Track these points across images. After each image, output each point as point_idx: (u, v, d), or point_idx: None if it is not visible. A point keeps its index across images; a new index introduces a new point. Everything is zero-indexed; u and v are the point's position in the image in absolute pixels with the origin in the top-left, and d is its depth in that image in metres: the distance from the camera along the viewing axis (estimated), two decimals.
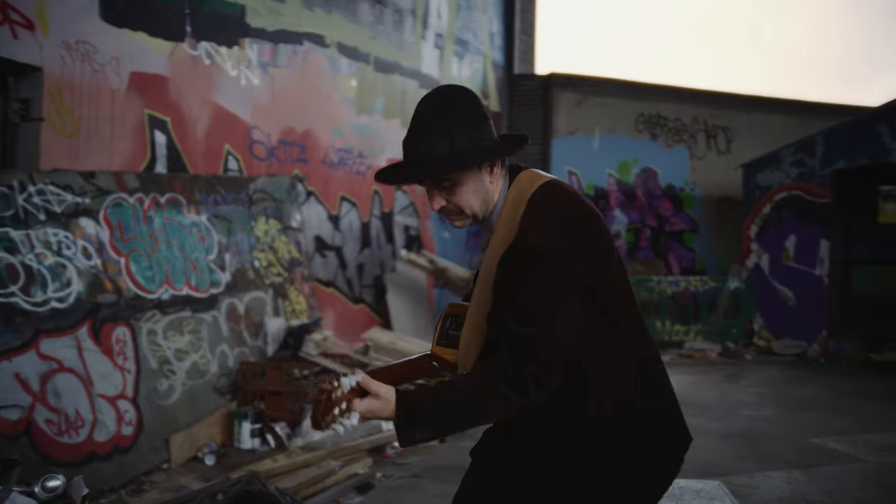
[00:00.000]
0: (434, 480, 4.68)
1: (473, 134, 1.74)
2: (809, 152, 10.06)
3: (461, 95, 1.79)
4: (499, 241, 1.75)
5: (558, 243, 1.68)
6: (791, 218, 10.40)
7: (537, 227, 1.70)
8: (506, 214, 1.77)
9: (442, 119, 1.74)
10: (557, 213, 1.74)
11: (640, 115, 12.67)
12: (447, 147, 1.72)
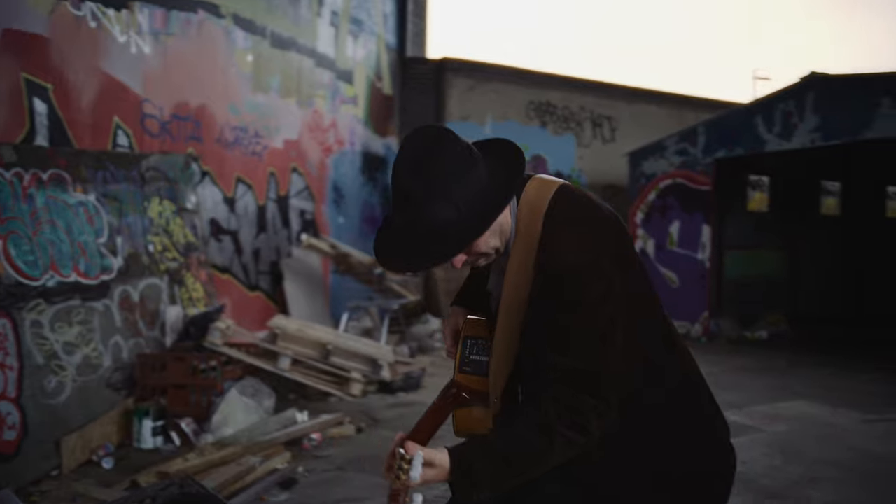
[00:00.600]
0: (360, 472, 4.48)
1: (473, 184, 1.54)
2: (692, 142, 10.55)
3: (439, 142, 1.55)
4: (520, 262, 1.61)
5: (594, 256, 1.55)
6: (675, 204, 10.88)
7: (566, 243, 1.56)
8: (522, 232, 1.62)
9: (435, 183, 1.51)
10: (582, 223, 1.61)
11: (530, 102, 12.85)
12: (455, 216, 1.52)
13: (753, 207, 12.85)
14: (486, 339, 1.72)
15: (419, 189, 1.51)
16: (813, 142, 8.85)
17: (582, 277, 1.52)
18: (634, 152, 11.68)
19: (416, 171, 1.52)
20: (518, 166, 1.61)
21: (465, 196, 1.52)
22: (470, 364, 1.72)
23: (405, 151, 1.56)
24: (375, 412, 5.88)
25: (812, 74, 8.89)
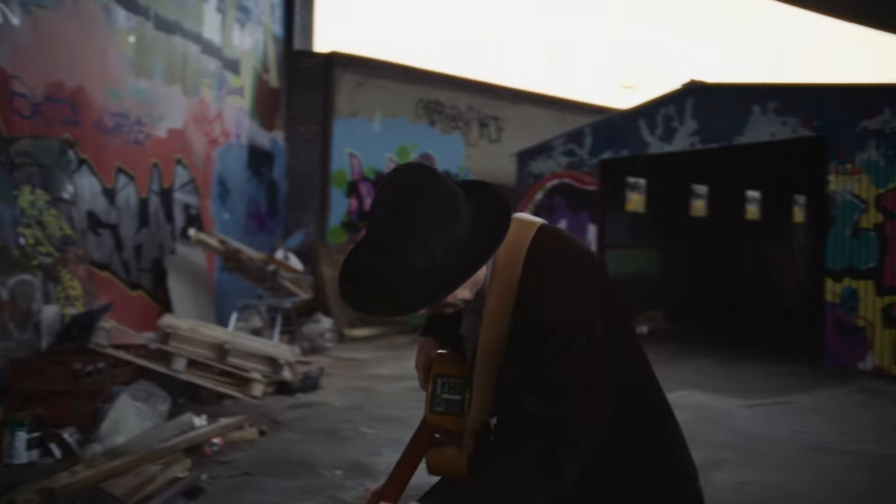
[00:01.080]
0: (270, 476, 4.22)
1: (454, 235, 1.45)
2: (579, 143, 10.87)
3: (423, 185, 1.45)
4: (497, 308, 1.55)
5: (578, 310, 1.50)
6: (562, 204, 11.17)
7: (548, 295, 1.51)
8: (499, 277, 1.56)
9: (415, 233, 1.42)
10: (564, 270, 1.55)
11: (419, 100, 12.81)
12: (431, 268, 1.44)
13: (631, 208, 13.44)
14: (458, 377, 1.66)
15: (396, 237, 1.43)
16: (692, 145, 9.33)
17: (566, 332, 1.49)
18: (522, 152, 11.89)
19: (396, 217, 1.43)
20: (504, 222, 1.51)
21: (444, 247, 1.44)
22: (441, 403, 1.66)
23: (386, 193, 1.47)
24: (276, 414, 5.60)
25: (692, 82, 9.38)
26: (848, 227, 7.80)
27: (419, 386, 1.90)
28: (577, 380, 1.49)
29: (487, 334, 1.57)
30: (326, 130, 11.84)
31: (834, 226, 7.92)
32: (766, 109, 8.50)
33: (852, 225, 7.77)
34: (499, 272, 1.56)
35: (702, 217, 14.21)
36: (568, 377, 1.48)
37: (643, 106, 9.95)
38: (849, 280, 7.79)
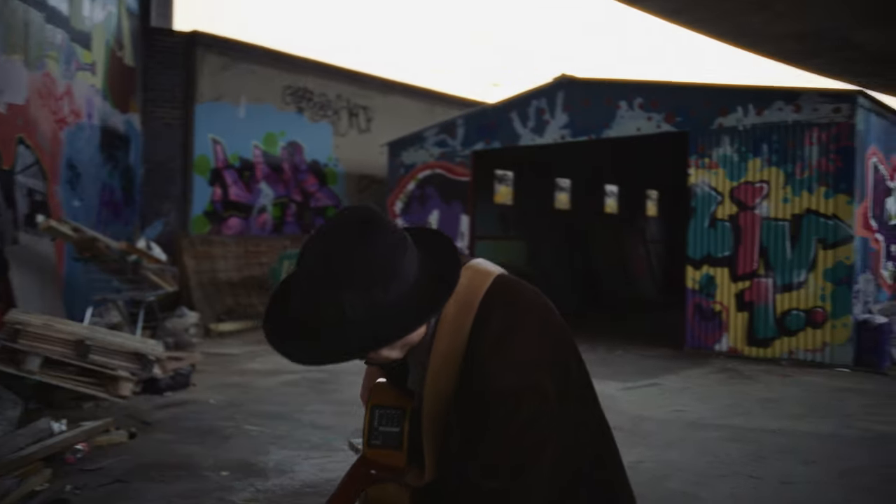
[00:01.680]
0: (147, 481, 3.85)
1: (394, 290, 1.30)
2: (452, 134, 10.89)
3: (365, 238, 1.30)
4: (442, 365, 1.41)
5: (529, 378, 1.36)
6: (434, 194, 11.16)
7: (497, 353, 1.36)
8: (446, 330, 1.41)
9: (350, 287, 1.27)
10: (517, 329, 1.39)
11: (287, 87, 12.35)
12: (363, 322, 1.28)
13: (499, 200, 13.68)
14: (397, 408, 1.52)
15: (328, 289, 1.28)
16: (563, 137, 9.59)
17: (511, 401, 1.34)
18: (394, 143, 11.77)
19: (329, 270, 1.28)
20: (451, 280, 1.36)
21: (380, 302, 1.28)
22: (379, 436, 1.51)
23: (324, 240, 1.32)
24: (145, 415, 5.16)
25: (562, 76, 9.63)
26: (706, 218, 8.30)
27: None
28: (522, 451, 1.35)
29: (432, 393, 1.43)
30: (188, 115, 11.14)
31: (694, 216, 8.40)
32: (633, 105, 8.88)
33: (710, 216, 8.27)
34: (446, 326, 1.41)
35: (565, 210, 14.72)
36: (512, 448, 1.34)
37: (515, 98, 10.11)
38: (707, 267, 8.29)
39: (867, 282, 7.77)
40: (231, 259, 10.72)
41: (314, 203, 12.82)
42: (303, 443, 4.62)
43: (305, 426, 5.04)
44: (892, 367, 7.38)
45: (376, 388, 1.59)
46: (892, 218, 8.48)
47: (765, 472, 4.15)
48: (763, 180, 7.89)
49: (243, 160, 11.76)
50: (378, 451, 1.50)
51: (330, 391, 6.17)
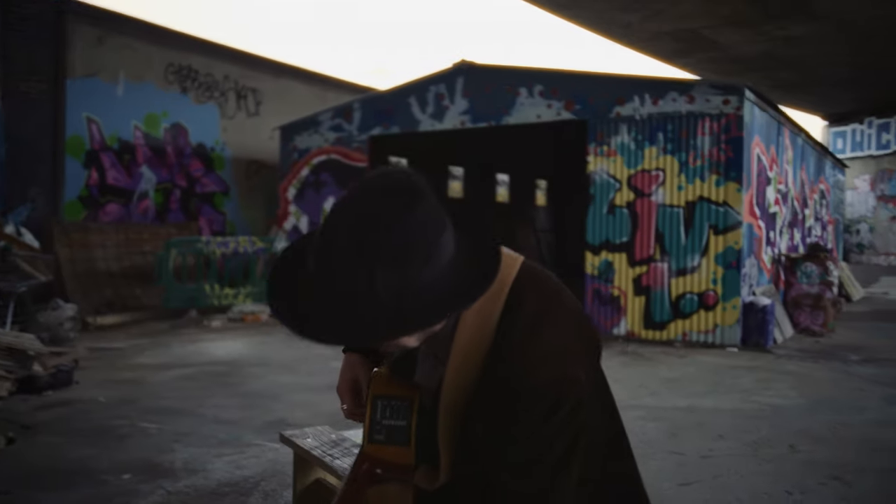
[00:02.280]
0: (35, 490, 3.43)
1: (429, 273, 1.12)
2: (348, 118, 10.59)
3: (406, 208, 1.13)
4: (467, 355, 1.26)
5: (568, 368, 1.23)
6: (329, 180, 10.82)
7: (534, 341, 1.23)
8: (472, 318, 1.27)
9: (382, 263, 1.09)
10: (554, 316, 1.28)
11: (170, 65, 11.60)
12: (390, 305, 1.10)
13: None
14: (403, 399, 1.35)
15: (361, 263, 1.09)
16: (463, 123, 9.52)
17: (553, 394, 1.21)
18: (287, 126, 11.33)
19: (364, 242, 1.10)
20: (490, 273, 1.19)
21: (414, 285, 1.11)
22: (383, 430, 1.34)
23: (360, 206, 1.13)
24: (24, 417, 4.64)
25: (462, 62, 9.55)
26: (605, 205, 8.47)
27: (343, 414, 1.56)
28: (559, 448, 1.23)
29: (453, 388, 1.27)
30: (58, 90, 10.23)
31: (593, 203, 8.56)
32: (533, 92, 8.93)
33: (608, 202, 8.46)
34: (472, 314, 1.26)
35: (458, 198, 14.73)
36: (548, 444, 1.22)
37: (414, 83, 9.95)
38: (605, 253, 8.47)
39: (752, 266, 8.19)
40: (110, 248, 9.96)
41: (200, 189, 12.15)
42: (210, 439, 4.29)
43: (210, 421, 4.69)
44: (775, 346, 7.82)
45: (378, 378, 1.39)
46: (770, 206, 8.99)
47: (685, 448, 4.23)
48: (659, 168, 8.14)
49: (122, 142, 10.96)
50: (381, 448, 1.33)
51: (232, 384, 5.81)
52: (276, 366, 6.62)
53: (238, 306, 9.81)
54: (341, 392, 1.54)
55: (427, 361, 1.38)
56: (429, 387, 1.35)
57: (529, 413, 1.19)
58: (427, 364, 1.38)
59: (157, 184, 11.48)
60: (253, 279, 10.28)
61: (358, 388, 1.53)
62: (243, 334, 8.45)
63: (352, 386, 1.54)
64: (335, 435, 2.90)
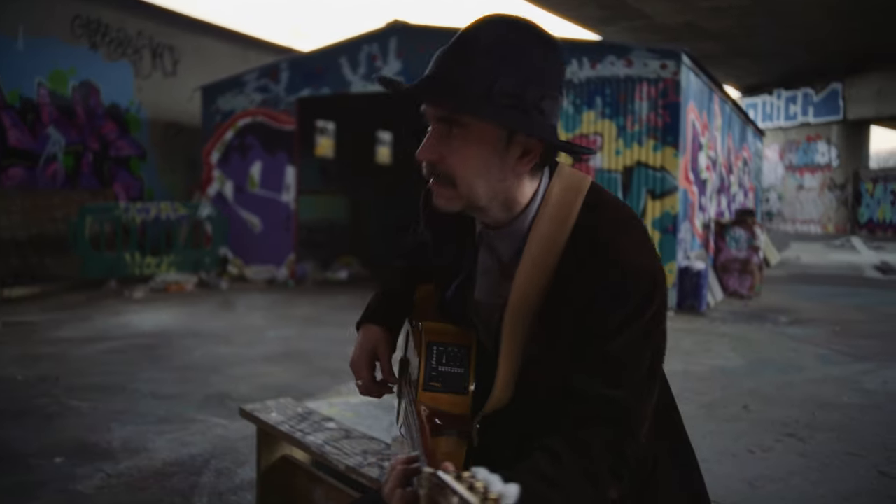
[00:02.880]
0: None
1: (528, 91, 1.14)
2: (275, 78, 10.12)
3: (543, 40, 1.17)
4: (544, 250, 1.19)
5: (659, 264, 1.17)
6: (256, 144, 10.36)
7: (622, 235, 1.17)
8: (550, 212, 1.21)
9: (497, 50, 1.13)
10: (635, 222, 1.22)
11: (76, 17, 10.77)
12: (481, 85, 1.12)
13: (321, 153, 13.10)
14: (459, 345, 1.29)
15: (486, 55, 1.13)
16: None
17: (647, 284, 1.14)
18: (209, 87, 10.75)
19: (498, 43, 1.14)
20: (581, 149, 1.29)
21: (524, 100, 1.14)
22: (440, 377, 1.27)
23: (500, 25, 1.17)
24: None
25: (395, 21, 9.23)
26: None
27: (359, 391, 1.47)
28: (648, 356, 1.15)
29: (525, 285, 1.18)
30: None
31: None
32: None
33: None
34: (549, 207, 1.20)
35: (386, 164, 14.44)
36: (641, 352, 1.14)
37: (345, 43, 9.57)
38: None
39: (686, 231, 8.32)
40: (16, 214, 9.25)
41: (114, 152, 11.42)
42: (148, 416, 3.99)
43: (146, 397, 4.37)
44: (709, 309, 7.99)
45: (430, 326, 1.32)
46: (702, 172, 9.14)
47: None
48: (597, 133, 8.12)
49: (25, 100, 10.14)
50: (436, 396, 1.24)
51: (163, 357, 5.46)
52: (209, 337, 6.29)
53: (161, 276, 9.31)
54: (358, 365, 1.45)
55: (488, 276, 1.29)
56: (490, 303, 1.27)
57: (621, 307, 1.11)
58: (488, 279, 1.29)
59: (67, 146, 10.71)
60: (176, 247, 9.77)
61: (372, 362, 1.46)
62: (169, 305, 8.02)
63: (370, 359, 1.45)
64: (301, 408, 2.69)
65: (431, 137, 1.17)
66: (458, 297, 1.35)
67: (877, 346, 6.24)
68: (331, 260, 11.31)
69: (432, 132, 1.18)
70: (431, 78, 1.17)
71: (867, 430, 4.00)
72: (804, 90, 24.99)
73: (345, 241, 12.42)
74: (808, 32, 19.23)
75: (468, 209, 1.21)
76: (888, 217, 23.38)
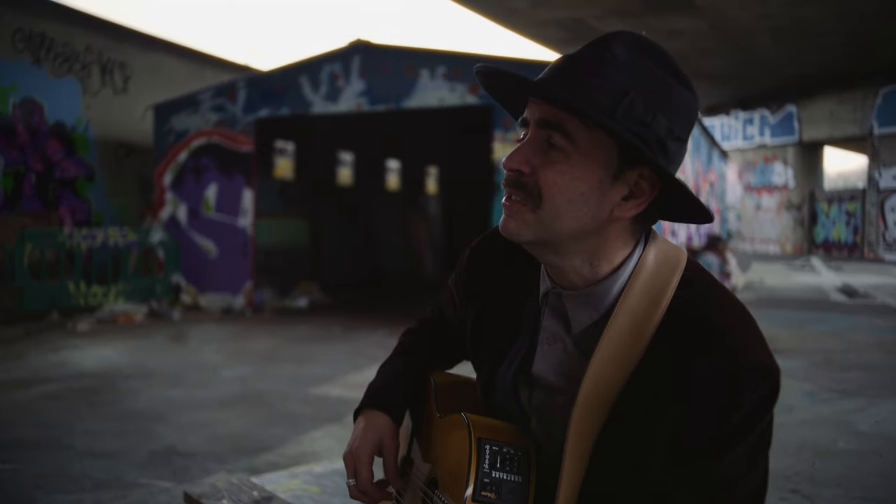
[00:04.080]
0: None
1: (657, 121, 0.95)
2: (231, 97, 9.68)
3: (682, 75, 0.99)
4: (633, 330, 0.96)
5: (777, 363, 0.94)
6: (211, 166, 9.89)
7: (734, 323, 0.95)
8: (642, 283, 0.99)
9: (632, 69, 0.96)
10: (743, 309, 0.99)
11: (18, 30, 10.18)
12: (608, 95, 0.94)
13: (280, 174, 12.65)
14: (518, 448, 1.02)
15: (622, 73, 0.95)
16: (360, 106, 8.88)
17: (766, 389, 0.92)
18: (162, 105, 10.26)
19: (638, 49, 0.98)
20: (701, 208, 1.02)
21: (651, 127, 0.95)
22: (493, 486, 0.99)
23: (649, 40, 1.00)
24: None
25: (358, 41, 8.89)
26: None
27: (350, 493, 1.20)
28: (757, 476, 0.95)
29: (607, 367, 0.95)
30: None
31: (497, 193, 8.16)
32: (436, 74, 8.42)
33: None
34: (643, 277, 1.00)
35: (348, 186, 14.04)
36: (751, 468, 0.93)
37: (305, 62, 9.19)
38: None
39: None
40: None
41: (60, 173, 10.79)
42: (82, 482, 3.51)
43: (81, 455, 3.90)
44: None
45: (479, 422, 1.05)
46: None
47: None
48: None
49: None
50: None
51: (105, 403, 4.97)
52: (158, 377, 5.80)
53: (108, 306, 8.76)
54: (357, 461, 1.19)
55: (556, 346, 1.05)
56: (553, 382, 1.04)
57: (744, 402, 0.90)
58: (554, 351, 1.05)
59: (6, 167, 10.06)
60: (125, 275, 9.22)
61: (372, 455, 1.20)
62: (115, 338, 7.48)
63: (372, 454, 1.20)
64: (257, 492, 2.29)
65: (526, 144, 0.98)
66: (510, 375, 1.10)
67: (861, 379, 6.05)
68: (290, 286, 10.85)
69: (528, 139, 0.98)
70: (548, 79, 0.98)
71: (872, 482, 3.74)
72: (761, 111, 25.39)
73: (305, 265, 11.96)
74: (762, 56, 19.50)
75: (542, 243, 0.99)
76: (843, 237, 23.74)
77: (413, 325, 1.45)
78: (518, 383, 1.10)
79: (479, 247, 1.26)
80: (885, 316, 9.92)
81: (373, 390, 1.29)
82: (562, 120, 0.94)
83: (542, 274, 1.08)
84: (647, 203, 0.98)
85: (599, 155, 0.95)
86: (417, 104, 8.59)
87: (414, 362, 1.34)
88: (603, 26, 18.15)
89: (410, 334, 1.42)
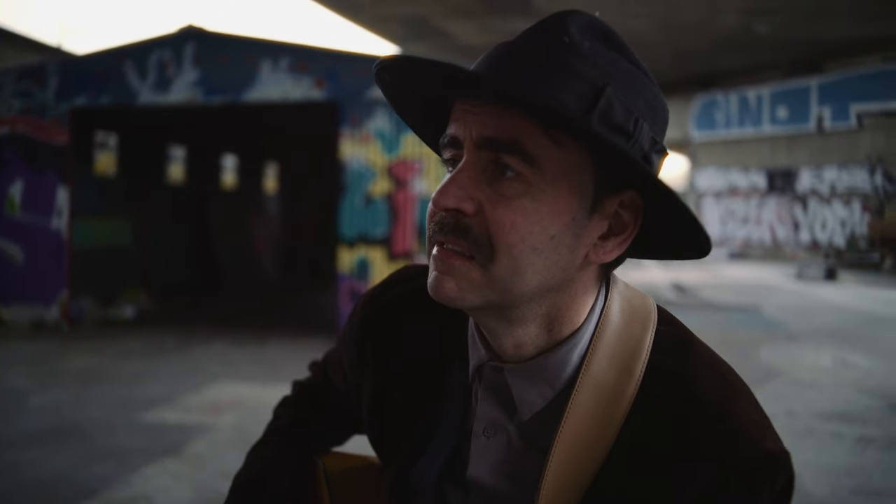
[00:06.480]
0: None
1: (640, 126, 0.71)
2: (40, 82, 8.56)
3: (646, 70, 0.75)
4: (601, 409, 0.72)
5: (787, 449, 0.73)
6: (16, 160, 8.71)
7: (739, 398, 0.73)
8: (608, 346, 0.75)
9: (600, 59, 0.71)
10: (734, 375, 0.76)
11: None
12: (578, 94, 0.68)
13: (100, 170, 11.47)
14: None
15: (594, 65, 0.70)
16: (193, 97, 8.14)
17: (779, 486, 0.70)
18: None
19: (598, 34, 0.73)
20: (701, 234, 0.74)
21: (618, 107, 0.69)
22: None
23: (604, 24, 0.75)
24: None
25: (189, 27, 8.15)
26: (360, 195, 7.76)
27: None
28: None
29: (570, 464, 0.71)
30: None
31: (347, 194, 7.80)
32: (279, 66, 7.88)
33: (364, 193, 7.76)
34: (608, 335, 0.75)
35: (179, 183, 13.03)
36: None
37: (131, 46, 8.31)
38: (362, 248, 7.78)
39: None
40: None
41: None
42: None
43: None
44: None
45: None
46: None
47: None
48: (419, 157, 7.63)
49: None
50: None
51: None
52: None
53: None
54: None
55: (494, 441, 0.78)
56: (497, 488, 0.77)
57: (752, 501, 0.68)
58: (494, 446, 0.78)
59: None
60: None
61: None
62: None
63: None
64: None
65: (463, 172, 0.71)
66: (432, 476, 0.81)
67: None
68: (115, 294, 9.82)
69: (465, 164, 0.71)
70: (490, 75, 0.71)
71: None
72: None
73: (132, 270, 10.89)
74: None
75: (492, 308, 0.73)
76: None
77: (290, 392, 1.12)
78: (444, 487, 0.80)
79: (380, 294, 0.95)
80: (718, 313, 10.57)
81: (241, 486, 0.96)
82: (517, 135, 0.68)
83: (472, 336, 0.80)
84: (630, 240, 0.74)
85: (572, 181, 0.69)
86: (258, 97, 8.01)
87: (295, 443, 1.02)
88: (445, 25, 18.23)
89: (288, 405, 1.10)
